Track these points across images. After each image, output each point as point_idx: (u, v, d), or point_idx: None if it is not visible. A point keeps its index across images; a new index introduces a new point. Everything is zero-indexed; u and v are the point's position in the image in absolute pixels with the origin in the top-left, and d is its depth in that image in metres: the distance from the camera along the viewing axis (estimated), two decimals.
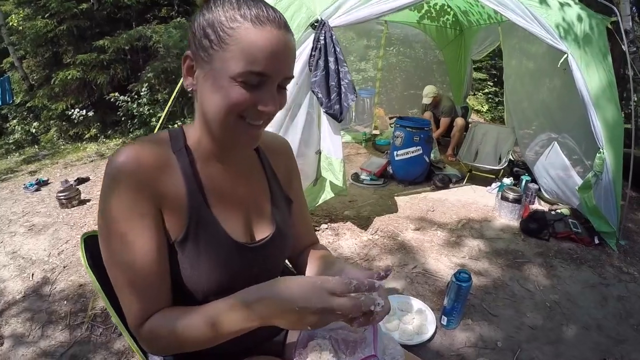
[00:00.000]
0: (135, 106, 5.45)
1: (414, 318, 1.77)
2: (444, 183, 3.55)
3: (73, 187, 3.18)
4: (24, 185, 3.58)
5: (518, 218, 2.90)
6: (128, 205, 0.60)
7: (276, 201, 0.79)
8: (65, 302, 1.95)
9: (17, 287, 2.08)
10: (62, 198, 3.06)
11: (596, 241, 2.54)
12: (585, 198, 2.47)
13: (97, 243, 0.64)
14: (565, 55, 2.31)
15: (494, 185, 3.45)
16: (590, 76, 2.31)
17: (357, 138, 5.01)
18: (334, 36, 2.23)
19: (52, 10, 5.60)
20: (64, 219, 2.89)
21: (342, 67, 2.22)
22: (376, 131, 5.23)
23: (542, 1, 2.43)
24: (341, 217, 2.87)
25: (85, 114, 5.62)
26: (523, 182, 3.20)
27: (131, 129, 5.68)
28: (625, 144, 2.47)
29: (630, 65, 2.51)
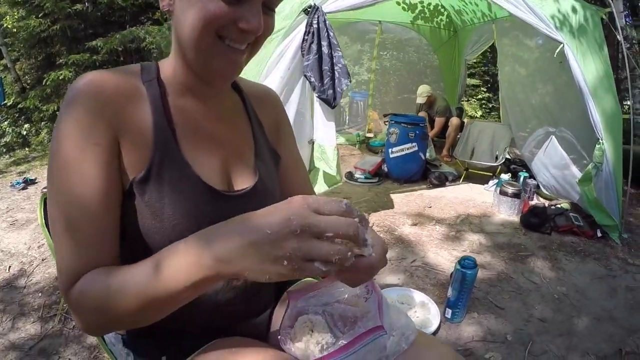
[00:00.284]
0: None
1: (417, 311, 1.66)
2: (440, 181, 3.48)
3: None
4: (11, 183, 3.47)
5: (518, 213, 2.82)
6: (82, 130, 0.51)
7: (260, 152, 0.69)
8: (39, 294, 1.83)
9: None
10: None
11: (598, 234, 2.46)
12: (586, 191, 2.41)
13: None
14: (561, 45, 2.27)
15: (492, 182, 3.39)
16: (586, 66, 2.28)
17: (351, 140, 4.94)
18: (328, 21, 2.18)
19: (47, 9, 5.55)
20: None
21: (336, 52, 2.16)
22: (370, 134, 5.17)
23: None
24: None
25: None
26: (521, 179, 3.14)
27: None
28: (623, 143, 2.42)
29: (626, 58, 2.49)
